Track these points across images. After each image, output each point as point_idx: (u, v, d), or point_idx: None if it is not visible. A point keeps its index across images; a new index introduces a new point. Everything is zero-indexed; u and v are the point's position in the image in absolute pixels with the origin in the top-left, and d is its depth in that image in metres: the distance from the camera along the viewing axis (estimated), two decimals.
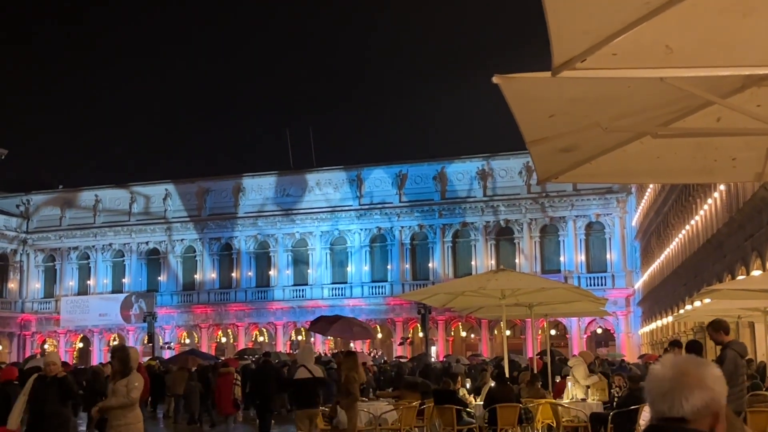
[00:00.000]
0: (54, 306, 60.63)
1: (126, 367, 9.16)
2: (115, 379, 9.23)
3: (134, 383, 9.03)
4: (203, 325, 57.92)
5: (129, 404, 9.05)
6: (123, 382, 9.06)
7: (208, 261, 58.57)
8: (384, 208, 55.19)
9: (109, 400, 9.22)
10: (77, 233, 60.78)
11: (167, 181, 60.12)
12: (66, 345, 60.09)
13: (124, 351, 9.42)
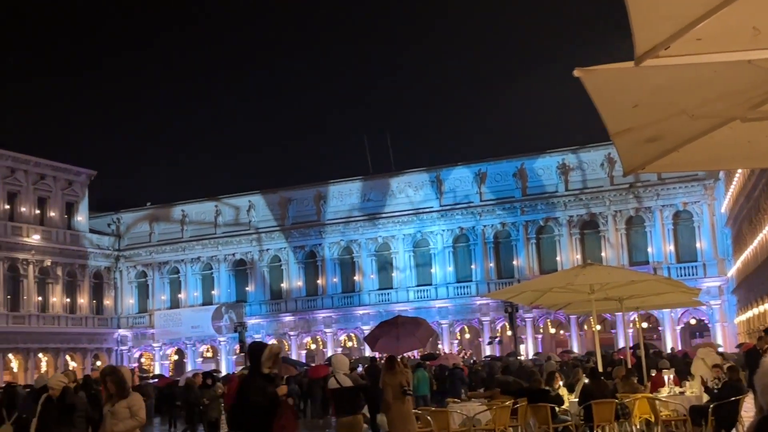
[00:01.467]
0: (148, 320, 62.29)
1: (123, 389, 8.98)
2: (112, 401, 8.97)
3: (137, 404, 8.90)
4: (292, 333, 58.67)
5: (138, 425, 8.94)
6: (123, 404, 8.90)
7: (294, 269, 59.31)
8: (465, 208, 55.00)
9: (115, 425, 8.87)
10: (166, 248, 62.30)
11: (250, 192, 61.13)
12: (161, 358, 61.65)
13: (117, 373, 9.17)
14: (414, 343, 23.90)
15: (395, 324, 21.80)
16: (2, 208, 55.21)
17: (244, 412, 8.88)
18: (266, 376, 8.91)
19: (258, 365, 8.90)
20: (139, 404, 8.90)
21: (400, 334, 20.69)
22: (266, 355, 8.93)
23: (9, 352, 53.88)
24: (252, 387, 8.81)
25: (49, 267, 57.56)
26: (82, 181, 61.82)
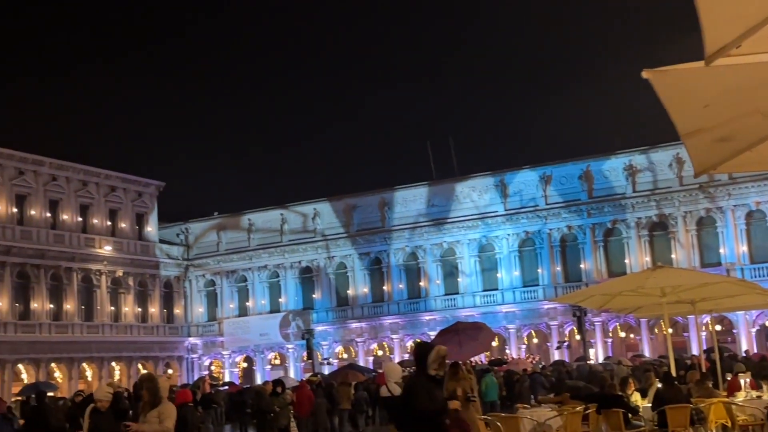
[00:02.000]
0: (217, 328, 63.18)
1: (156, 398, 8.97)
2: (144, 410, 9.00)
3: (166, 413, 8.87)
4: (359, 340, 58.90)
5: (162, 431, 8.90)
6: (154, 413, 8.89)
7: (359, 276, 59.56)
8: (531, 212, 54.57)
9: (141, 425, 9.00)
10: (234, 257, 63.14)
11: (315, 200, 61.61)
12: (231, 365, 62.46)
13: (153, 381, 9.17)
14: (477, 348, 23.76)
15: (456, 331, 21.75)
16: (75, 220, 56.64)
17: (410, 417, 8.56)
18: (433, 378, 8.65)
19: (424, 367, 8.63)
20: (168, 413, 8.85)
21: (462, 340, 20.63)
22: (433, 356, 8.65)
23: (84, 361, 55.16)
24: (420, 390, 8.51)
25: (120, 277, 58.85)
26: (151, 193, 63.10)
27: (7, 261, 50.97)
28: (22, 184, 53.44)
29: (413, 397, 8.52)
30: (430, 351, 8.75)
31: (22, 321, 51.81)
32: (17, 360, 50.91)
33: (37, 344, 51.88)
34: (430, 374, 8.62)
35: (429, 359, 8.60)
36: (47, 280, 53.60)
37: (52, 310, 53.78)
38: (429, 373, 8.62)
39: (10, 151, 52.73)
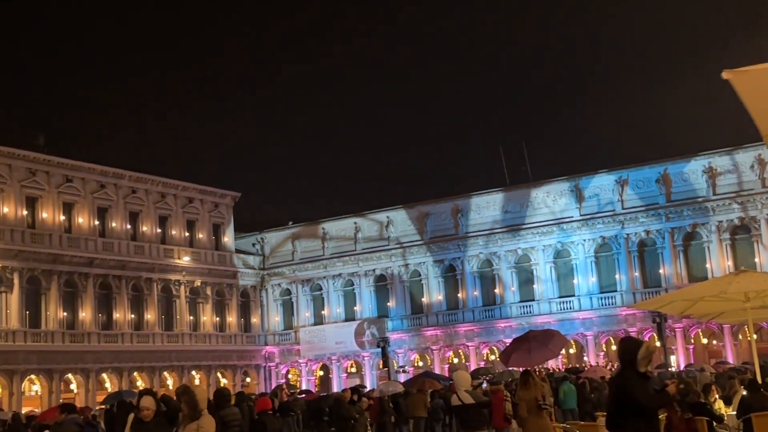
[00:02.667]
0: (293, 337, 63.81)
1: (195, 410, 8.64)
2: (184, 423, 8.72)
3: (204, 426, 8.56)
4: (434, 347, 58.77)
5: None
6: (193, 427, 8.61)
7: (434, 283, 59.48)
8: (607, 216, 53.75)
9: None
10: (309, 266, 63.73)
11: (388, 208, 61.78)
12: (307, 374, 62.99)
13: (189, 393, 8.81)
14: (547, 354, 23.46)
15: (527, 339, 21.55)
16: (154, 231, 57.95)
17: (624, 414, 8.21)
18: (643, 375, 8.34)
19: (633, 363, 8.29)
20: (207, 426, 8.53)
21: (532, 348, 20.42)
22: (642, 353, 8.31)
23: (164, 369, 56.32)
24: (636, 385, 8.16)
25: (199, 287, 59.94)
26: (227, 203, 64.21)
27: (90, 272, 52.41)
28: (104, 197, 54.95)
29: (631, 393, 8.16)
30: (639, 347, 8.41)
31: (105, 331, 53.18)
32: (101, 369, 52.27)
33: (120, 353, 53.20)
34: (640, 371, 8.30)
35: (638, 355, 8.29)
36: (128, 290, 54.93)
37: (133, 320, 55.09)
38: (638, 370, 8.30)
39: (91, 165, 54.27)
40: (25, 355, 47.98)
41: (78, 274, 51.87)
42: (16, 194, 49.82)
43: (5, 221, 48.85)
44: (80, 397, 49.84)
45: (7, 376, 47.19)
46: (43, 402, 48.55)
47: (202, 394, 8.72)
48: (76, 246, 52.08)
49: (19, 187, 50.09)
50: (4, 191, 49.30)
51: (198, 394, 8.64)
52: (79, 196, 53.47)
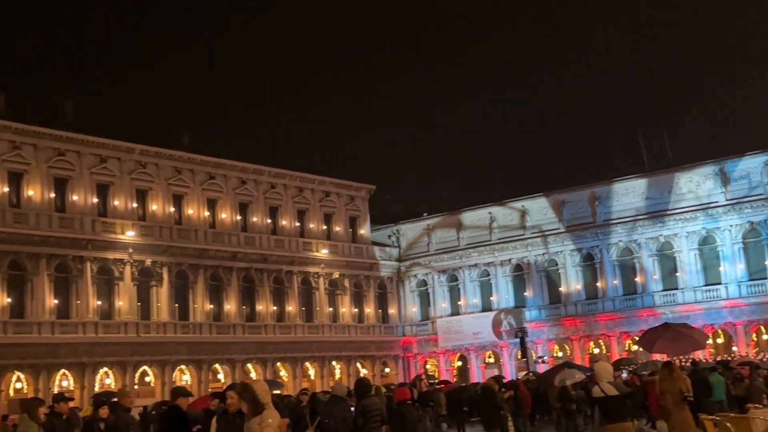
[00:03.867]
0: (431, 327, 64.04)
1: (257, 405, 8.48)
2: (248, 418, 8.60)
3: (267, 420, 8.40)
4: (574, 338, 57.74)
5: None
6: (256, 421, 8.45)
7: (572, 272, 58.43)
8: (756, 200, 51.34)
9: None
10: (444, 256, 63.80)
11: (523, 197, 61.11)
12: (445, 364, 63.11)
13: (248, 390, 8.65)
14: (694, 344, 22.61)
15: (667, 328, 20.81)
16: (293, 225, 59.38)
17: None
18: None
19: None
20: (268, 421, 8.38)
21: (677, 336, 19.71)
22: None
23: (306, 360, 57.63)
24: None
25: (337, 279, 61.01)
26: (363, 196, 65.06)
27: (233, 266, 54.22)
28: (245, 193, 56.70)
29: None
30: None
31: (249, 323, 54.89)
32: (246, 359, 54.00)
33: (263, 344, 54.79)
34: None
35: None
36: (270, 283, 56.49)
37: (275, 311, 56.63)
38: None
39: (233, 162, 56.09)
40: (175, 346, 50.13)
41: (222, 268, 53.75)
42: (163, 192, 52.07)
43: (154, 218, 51.15)
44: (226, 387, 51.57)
45: (159, 366, 49.45)
46: (192, 391, 50.61)
47: (262, 389, 8.59)
48: (220, 241, 53.96)
49: (166, 186, 52.32)
50: (152, 189, 51.62)
51: (258, 390, 8.54)
52: (222, 193, 55.38)
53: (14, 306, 44.17)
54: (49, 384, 44.15)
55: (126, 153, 50.53)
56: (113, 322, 47.82)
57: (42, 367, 44.25)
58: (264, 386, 8.65)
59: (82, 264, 46.77)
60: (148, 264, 49.83)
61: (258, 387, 8.57)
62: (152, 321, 49.61)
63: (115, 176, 49.80)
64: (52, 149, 47.25)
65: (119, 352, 47.48)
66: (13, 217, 44.56)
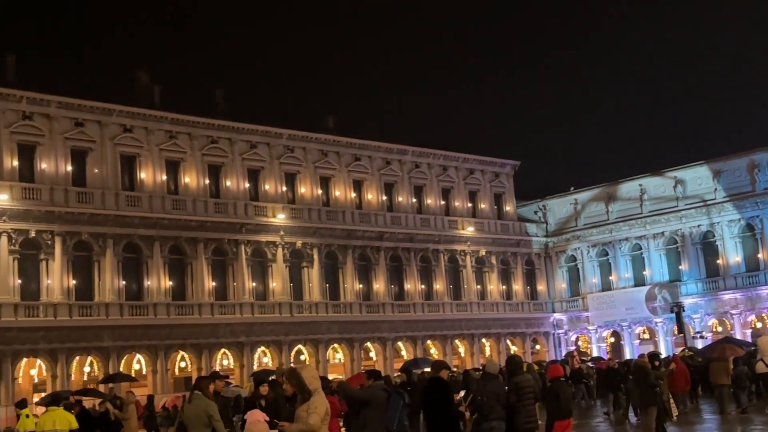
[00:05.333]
0: (581, 303, 62.84)
1: (304, 391, 8.35)
2: (298, 404, 8.48)
3: (314, 406, 8.24)
4: (734, 312, 55.30)
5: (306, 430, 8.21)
6: (304, 408, 8.30)
7: (730, 244, 55.93)
8: None
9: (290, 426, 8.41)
10: (593, 231, 62.39)
11: (675, 167, 58.90)
12: (597, 341, 61.83)
13: (295, 376, 8.48)
14: None
15: None
16: (438, 203, 59.50)
17: None
18: None
19: None
20: (315, 407, 8.26)
21: None
22: None
23: (455, 338, 57.79)
24: None
25: (484, 256, 60.74)
26: (507, 173, 64.40)
27: (381, 246, 54.91)
28: (390, 173, 57.23)
29: None
30: None
31: (398, 301, 55.50)
32: (396, 338, 54.68)
33: (412, 323, 55.31)
34: None
35: None
36: (417, 262, 56.88)
37: (423, 290, 56.99)
38: None
39: (377, 143, 56.67)
40: (327, 325, 51.33)
41: (370, 248, 54.52)
42: (311, 175, 53.23)
43: (303, 200, 52.42)
44: (379, 364, 52.45)
45: (313, 345, 50.79)
46: (346, 369, 51.77)
47: (310, 375, 8.44)
48: (367, 221, 54.71)
49: (314, 168, 53.46)
50: (301, 173, 52.88)
51: (306, 376, 8.39)
52: (368, 173, 56.09)
53: (176, 288, 46.37)
54: (211, 363, 46.17)
55: (275, 138, 51.93)
56: (268, 303, 49.42)
57: (204, 347, 46.32)
58: (312, 372, 8.54)
59: (237, 247, 48.53)
60: (299, 246, 51.15)
61: (306, 373, 8.41)
62: (304, 301, 50.95)
63: (265, 161, 51.31)
64: (206, 137, 49.16)
65: (274, 331, 49.06)
66: (172, 204, 46.67)
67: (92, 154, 44.90)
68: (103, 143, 45.20)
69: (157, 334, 44.64)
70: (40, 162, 43.00)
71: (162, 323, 44.86)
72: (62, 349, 41.52)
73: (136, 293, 45.10)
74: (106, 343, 42.95)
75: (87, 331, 42.31)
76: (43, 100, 43.36)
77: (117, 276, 44.11)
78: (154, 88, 50.40)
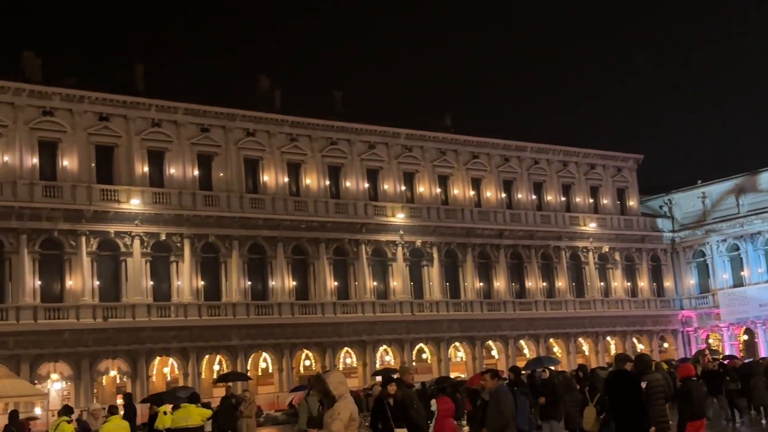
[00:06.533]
0: (711, 300, 60.59)
1: (327, 397, 8.35)
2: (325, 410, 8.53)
3: (337, 412, 8.19)
4: None
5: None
6: (329, 413, 8.29)
7: None
8: None
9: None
10: (723, 225, 60.08)
11: None
12: (729, 338, 59.49)
13: (320, 381, 8.52)
14: None
15: None
16: (559, 200, 58.56)
17: None
18: None
19: None
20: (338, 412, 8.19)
21: None
22: None
23: (579, 336, 56.74)
24: None
25: (607, 253, 59.41)
26: (630, 167, 62.79)
27: (500, 243, 54.46)
28: (508, 170, 56.71)
29: None
30: None
31: (519, 299, 54.91)
32: (518, 336, 54.12)
33: (534, 321, 54.62)
34: None
35: None
36: (538, 259, 56.15)
37: (545, 287, 56.20)
38: None
39: (495, 140, 56.22)
40: (448, 323, 51.27)
41: (490, 246, 54.15)
42: (429, 174, 53.29)
43: (422, 199, 52.53)
44: (501, 362, 52.08)
45: (434, 343, 50.85)
46: (468, 367, 51.61)
47: (336, 381, 8.41)
48: (486, 219, 54.35)
49: (432, 167, 53.50)
50: (419, 172, 53.02)
51: (331, 381, 8.37)
52: (486, 171, 55.73)
53: (299, 288, 47.25)
54: (334, 361, 46.86)
55: (392, 138, 52.24)
56: (389, 302, 49.76)
57: (327, 345, 47.04)
58: (338, 377, 8.53)
59: (357, 247, 49.07)
60: (418, 244, 51.30)
61: (331, 379, 8.42)
62: (425, 300, 51.05)
63: (383, 161, 51.69)
64: (325, 139, 49.92)
65: (396, 330, 49.35)
66: (294, 205, 47.60)
67: (217, 159, 46.27)
68: (228, 147, 46.51)
69: (282, 333, 45.62)
70: (169, 167, 44.60)
71: (286, 322, 45.80)
72: (192, 348, 42.97)
73: (261, 293, 46.18)
74: (233, 342, 44.20)
75: (216, 331, 43.64)
76: (171, 107, 44.97)
77: (243, 276, 45.29)
78: (275, 92, 51.55)
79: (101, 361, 41.00)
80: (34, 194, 39.93)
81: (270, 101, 50.59)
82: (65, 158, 41.70)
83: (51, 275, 40.58)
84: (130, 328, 41.15)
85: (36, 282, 39.70)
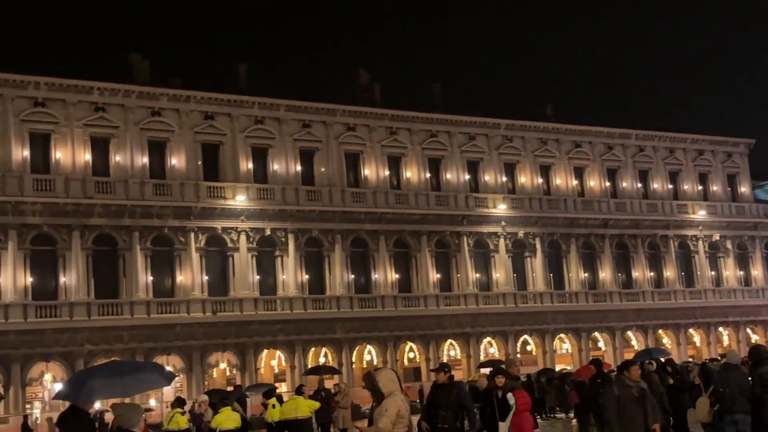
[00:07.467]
0: None
1: (377, 394, 8.32)
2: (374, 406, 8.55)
3: (385, 409, 8.15)
4: None
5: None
6: (378, 410, 8.29)
7: None
8: None
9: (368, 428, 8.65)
10: None
11: None
12: None
13: (369, 379, 8.45)
14: None
15: None
16: (666, 188, 57.02)
17: None
18: None
19: None
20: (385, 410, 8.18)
21: None
22: None
23: (689, 326, 55.21)
24: None
25: (718, 241, 57.56)
26: (741, 152, 60.60)
27: (605, 233, 53.43)
28: (612, 159, 55.55)
29: None
30: None
31: (626, 290, 53.76)
32: (625, 327, 53.03)
33: (642, 311, 53.40)
34: None
35: None
36: (645, 248, 54.83)
37: (652, 277, 54.86)
38: None
39: (598, 128, 55.13)
40: (553, 315, 50.66)
41: (594, 236, 53.20)
42: (530, 164, 52.69)
43: (523, 190, 51.97)
44: (608, 354, 51.19)
45: (539, 335, 50.32)
46: (573, 359, 50.89)
47: (386, 378, 8.36)
48: (590, 208, 53.40)
49: (533, 157, 52.87)
50: (520, 162, 52.47)
51: (381, 379, 8.32)
52: (589, 160, 54.73)
53: (402, 281, 47.45)
54: (438, 353, 46.90)
55: (492, 129, 51.85)
56: (492, 294, 49.48)
57: (430, 338, 47.13)
58: (389, 375, 8.49)
59: (459, 239, 48.94)
60: (521, 236, 50.81)
61: (381, 376, 8.41)
62: (528, 291, 50.54)
63: (483, 152, 51.36)
64: (425, 132, 49.91)
65: (499, 321, 49.05)
66: (395, 198, 47.79)
67: (319, 154, 46.86)
68: (329, 142, 47.05)
69: (385, 326, 45.93)
70: (273, 163, 45.42)
71: (390, 315, 46.08)
72: (298, 341, 43.72)
73: (365, 286, 46.59)
74: (338, 335, 44.74)
75: (320, 324, 44.26)
76: (273, 104, 45.78)
77: (346, 270, 45.78)
78: (374, 86, 51.84)
79: (211, 353, 42.17)
80: (145, 193, 41.33)
81: (369, 95, 50.91)
82: (173, 157, 42.96)
83: (162, 271, 41.92)
84: (238, 321, 42.18)
85: (148, 277, 41.08)
